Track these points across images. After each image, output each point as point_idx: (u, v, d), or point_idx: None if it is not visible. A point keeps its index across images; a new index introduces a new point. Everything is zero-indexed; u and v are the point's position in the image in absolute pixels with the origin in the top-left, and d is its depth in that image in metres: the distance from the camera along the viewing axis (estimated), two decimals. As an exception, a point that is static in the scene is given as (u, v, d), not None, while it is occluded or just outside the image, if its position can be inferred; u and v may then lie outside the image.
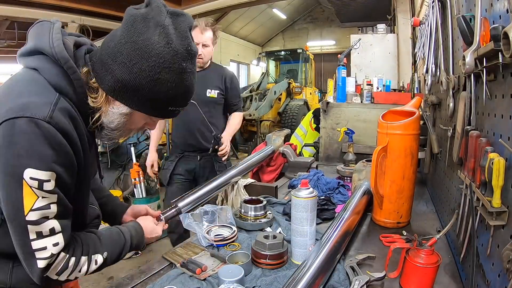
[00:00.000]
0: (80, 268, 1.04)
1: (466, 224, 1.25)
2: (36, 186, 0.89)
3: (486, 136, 1.17)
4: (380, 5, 8.64)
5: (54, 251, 0.95)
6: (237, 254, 1.50)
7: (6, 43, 6.06)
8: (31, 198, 0.89)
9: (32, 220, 0.91)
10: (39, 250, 0.93)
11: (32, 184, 0.89)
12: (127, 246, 1.23)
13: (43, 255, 0.94)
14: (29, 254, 0.93)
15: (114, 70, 0.98)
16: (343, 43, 17.52)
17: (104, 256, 1.11)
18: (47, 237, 0.94)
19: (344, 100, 3.66)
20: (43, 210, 0.92)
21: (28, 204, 0.89)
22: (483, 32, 1.09)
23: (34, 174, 0.88)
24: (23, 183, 0.88)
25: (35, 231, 0.92)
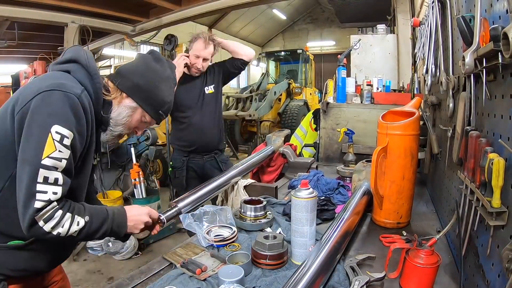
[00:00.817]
0: (63, 223, 1.18)
1: (466, 224, 1.25)
2: (58, 139, 1.14)
3: (486, 136, 1.17)
4: (380, 5, 8.64)
5: (52, 197, 1.14)
6: (237, 255, 1.50)
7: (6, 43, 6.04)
8: (51, 148, 1.13)
9: (45, 164, 1.12)
10: (40, 192, 1.12)
11: (55, 137, 1.14)
12: (108, 220, 1.33)
13: (42, 198, 1.12)
14: (31, 195, 1.11)
15: (132, 78, 1.44)
16: (343, 43, 17.52)
17: (85, 220, 1.24)
18: (50, 185, 1.14)
19: (344, 101, 3.66)
20: (56, 161, 1.14)
21: (47, 151, 1.13)
22: (483, 32, 1.09)
23: (59, 130, 1.15)
24: (48, 135, 1.13)
25: (43, 175, 1.12)
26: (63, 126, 1.16)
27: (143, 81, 1.43)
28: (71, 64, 1.34)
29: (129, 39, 6.75)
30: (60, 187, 1.16)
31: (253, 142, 10.79)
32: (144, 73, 1.45)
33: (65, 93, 1.19)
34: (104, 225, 1.31)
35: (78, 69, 1.33)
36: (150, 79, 1.45)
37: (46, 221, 1.14)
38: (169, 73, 1.53)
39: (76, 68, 1.34)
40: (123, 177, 5.83)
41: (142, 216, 1.46)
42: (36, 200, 1.11)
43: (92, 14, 5.57)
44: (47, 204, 1.13)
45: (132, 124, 1.48)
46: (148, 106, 1.46)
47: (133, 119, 1.46)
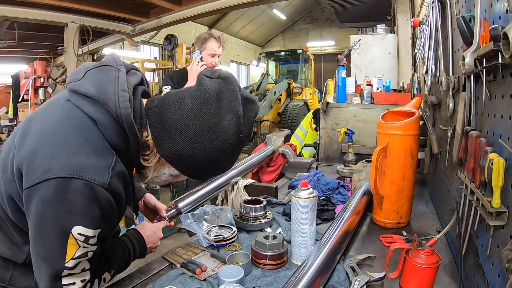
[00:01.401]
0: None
1: (466, 224, 1.25)
2: (82, 240, 0.93)
3: (486, 136, 1.17)
4: (380, 5, 8.63)
5: (80, 285, 0.98)
6: (237, 255, 1.50)
7: (6, 43, 6.05)
8: (74, 248, 0.93)
9: (70, 266, 0.94)
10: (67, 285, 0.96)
11: (78, 239, 0.92)
12: (130, 258, 1.29)
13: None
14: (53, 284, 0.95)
15: (177, 141, 0.99)
16: (343, 43, 17.51)
17: (111, 274, 1.16)
18: (77, 275, 0.97)
19: (344, 101, 3.66)
20: (81, 258, 0.96)
21: (70, 254, 0.93)
22: (483, 32, 1.09)
23: (83, 231, 0.92)
24: (69, 237, 0.91)
25: (68, 273, 0.95)
26: (87, 226, 0.93)
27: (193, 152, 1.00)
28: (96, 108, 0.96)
29: (129, 39, 6.76)
30: (88, 271, 1.00)
31: (253, 142, 10.77)
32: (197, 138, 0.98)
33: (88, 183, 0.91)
34: (126, 264, 1.29)
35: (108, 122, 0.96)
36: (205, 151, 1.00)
37: None
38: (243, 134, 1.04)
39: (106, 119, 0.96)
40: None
41: (158, 233, 1.46)
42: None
43: (92, 14, 5.57)
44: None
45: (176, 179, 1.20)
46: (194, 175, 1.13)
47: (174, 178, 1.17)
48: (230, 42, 19.39)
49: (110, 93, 0.96)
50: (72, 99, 1.00)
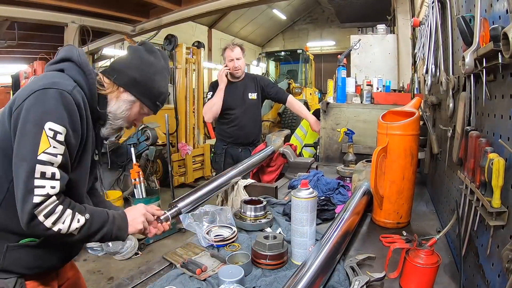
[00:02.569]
0: (64, 219, 1.20)
1: (466, 224, 1.25)
2: (51, 136, 1.17)
3: (485, 136, 1.17)
4: (380, 5, 8.64)
5: (50, 191, 1.16)
6: (237, 255, 1.50)
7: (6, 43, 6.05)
8: (46, 144, 1.16)
9: (42, 160, 1.15)
10: (38, 187, 1.14)
11: (49, 134, 1.17)
12: (109, 222, 1.35)
13: (40, 192, 1.14)
14: (28, 190, 1.14)
15: (128, 72, 1.44)
16: (343, 43, 17.53)
17: (86, 218, 1.26)
18: (47, 179, 1.16)
19: (344, 101, 3.66)
20: (51, 156, 1.17)
21: (42, 147, 1.16)
22: (483, 32, 1.09)
23: (52, 126, 1.18)
24: (42, 131, 1.16)
25: (40, 171, 1.15)
26: (56, 122, 1.19)
27: (139, 75, 1.45)
28: (65, 63, 1.38)
29: (129, 39, 6.76)
30: (58, 181, 1.19)
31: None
32: (139, 66, 1.46)
33: (57, 90, 1.22)
34: (104, 227, 1.33)
35: (71, 67, 1.37)
36: (145, 72, 1.46)
37: (47, 216, 1.16)
38: (163, 64, 1.54)
39: (69, 66, 1.37)
40: (123, 177, 5.83)
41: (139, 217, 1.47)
42: (35, 195, 1.14)
43: (92, 14, 5.57)
44: (46, 198, 1.15)
45: (131, 117, 1.51)
46: (145, 99, 1.49)
47: (132, 112, 1.49)
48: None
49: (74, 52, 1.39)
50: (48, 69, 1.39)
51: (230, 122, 3.65)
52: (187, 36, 13.28)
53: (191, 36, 13.94)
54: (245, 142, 3.70)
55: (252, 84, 3.73)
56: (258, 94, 3.73)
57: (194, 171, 7.37)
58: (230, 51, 3.57)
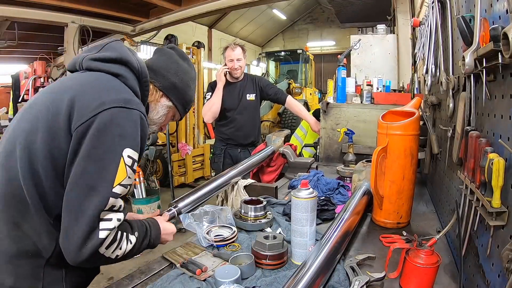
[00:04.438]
0: (121, 245, 1.10)
1: (466, 224, 1.25)
2: (130, 164, 1.07)
3: (485, 136, 1.17)
4: (380, 5, 8.62)
5: (116, 224, 1.06)
6: (240, 256, 1.50)
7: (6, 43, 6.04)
8: (123, 174, 1.05)
9: (116, 193, 1.04)
10: (105, 220, 1.03)
11: (127, 162, 1.06)
12: (148, 234, 1.28)
13: (107, 226, 1.03)
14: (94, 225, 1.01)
15: (167, 76, 1.42)
16: (343, 43, 17.54)
17: (136, 236, 1.18)
18: (115, 212, 1.06)
19: (344, 101, 3.66)
20: (124, 188, 1.07)
21: (119, 179, 1.04)
22: (483, 32, 1.09)
23: (131, 154, 1.08)
24: (121, 159, 1.05)
25: (111, 204, 1.04)
26: (134, 149, 1.09)
27: (179, 81, 1.44)
28: (120, 67, 1.22)
29: (129, 39, 6.76)
30: (122, 213, 1.09)
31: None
32: (177, 72, 1.44)
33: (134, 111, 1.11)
34: (145, 239, 1.26)
35: (128, 74, 1.22)
36: (183, 79, 1.46)
37: (108, 247, 1.06)
38: (194, 73, 1.56)
39: (126, 72, 1.22)
40: (123, 177, 5.82)
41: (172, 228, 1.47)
42: (101, 230, 1.02)
43: (92, 14, 5.57)
44: (111, 232, 1.05)
45: (164, 122, 1.50)
46: (181, 105, 1.48)
47: (167, 117, 1.48)
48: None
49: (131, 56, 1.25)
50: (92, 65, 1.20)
51: (228, 123, 3.64)
52: (187, 36, 13.27)
53: (191, 36, 13.94)
54: (244, 143, 3.68)
55: (251, 85, 3.70)
56: (256, 95, 3.71)
57: (194, 171, 7.37)
58: (230, 51, 3.54)
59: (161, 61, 1.45)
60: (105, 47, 1.26)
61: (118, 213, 1.07)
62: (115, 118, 1.06)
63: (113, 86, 1.15)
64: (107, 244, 1.04)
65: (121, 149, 1.05)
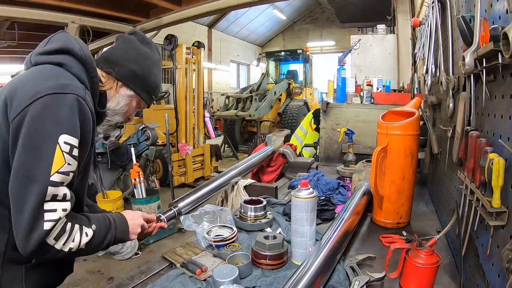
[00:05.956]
0: (74, 237, 1.08)
1: (466, 224, 1.25)
2: (67, 151, 1.04)
3: (485, 136, 1.17)
4: (380, 5, 8.63)
5: (61, 215, 1.03)
6: (237, 256, 1.50)
7: (6, 43, 6.05)
8: (61, 162, 1.02)
9: (55, 181, 1.01)
10: (49, 211, 1.00)
11: (64, 149, 1.03)
12: (111, 228, 1.25)
13: (52, 217, 1.01)
14: (38, 217, 0.99)
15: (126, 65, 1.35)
16: (343, 43, 17.53)
17: (93, 229, 1.16)
18: (59, 201, 1.03)
19: (344, 101, 3.66)
20: (64, 175, 1.04)
21: (56, 166, 1.01)
22: (483, 32, 1.09)
23: (68, 139, 1.04)
24: (57, 146, 1.02)
25: (52, 194, 1.01)
26: (71, 134, 1.05)
27: (138, 68, 1.37)
28: (63, 56, 1.19)
29: (129, 39, 6.75)
30: (68, 202, 1.06)
31: (253, 142, 10.80)
32: (137, 58, 1.37)
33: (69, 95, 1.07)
34: (109, 233, 1.23)
35: (72, 62, 1.19)
36: (143, 65, 1.39)
37: (57, 238, 1.03)
38: (158, 56, 1.47)
39: (69, 60, 1.19)
40: (123, 177, 5.83)
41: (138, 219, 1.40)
42: (45, 221, 0.99)
43: (92, 14, 5.57)
44: (57, 223, 1.02)
45: (128, 112, 1.43)
46: (143, 93, 1.42)
47: (130, 107, 1.42)
48: (230, 42, 19.43)
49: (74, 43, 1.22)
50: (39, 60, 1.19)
51: None
52: (187, 36, 13.28)
53: (191, 36, 13.95)
54: None
55: None
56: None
57: (194, 171, 7.37)
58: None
59: (119, 49, 1.39)
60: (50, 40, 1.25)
61: (62, 202, 1.04)
62: (48, 106, 1.04)
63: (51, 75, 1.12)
64: (54, 235, 1.02)
65: (56, 136, 1.02)
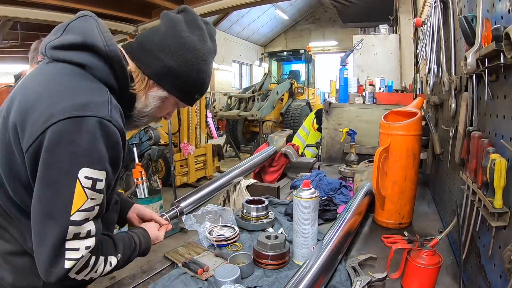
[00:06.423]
0: (97, 268, 1.01)
1: (468, 225, 1.24)
2: (89, 186, 0.90)
3: (488, 136, 1.16)
4: (382, 5, 8.62)
5: (84, 253, 0.94)
6: (239, 255, 1.50)
7: (9, 43, 6.07)
8: (81, 199, 0.90)
9: (76, 220, 0.90)
10: (71, 250, 0.91)
11: (85, 184, 0.90)
12: (136, 250, 1.22)
13: (73, 256, 0.92)
14: (58, 255, 0.91)
15: (161, 58, 1.09)
16: (346, 43, 17.52)
17: (118, 258, 1.09)
18: (82, 239, 0.93)
19: (346, 101, 3.66)
20: (88, 212, 0.92)
21: (77, 204, 0.89)
22: (485, 32, 1.09)
23: (89, 174, 0.90)
24: (76, 182, 0.88)
25: (73, 232, 0.91)
26: (94, 167, 0.91)
27: (177, 63, 1.10)
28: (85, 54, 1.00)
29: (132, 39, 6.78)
30: (93, 238, 0.96)
31: (255, 142, 10.81)
32: (178, 50, 1.10)
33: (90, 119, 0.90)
34: (132, 255, 1.19)
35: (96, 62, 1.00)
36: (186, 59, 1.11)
37: (79, 272, 0.96)
38: (210, 45, 1.18)
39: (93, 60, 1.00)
40: (126, 176, 5.84)
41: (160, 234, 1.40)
42: (66, 260, 0.91)
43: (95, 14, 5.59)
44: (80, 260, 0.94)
45: (160, 113, 1.22)
46: (182, 93, 1.18)
47: (162, 108, 1.20)
48: (232, 42, 19.43)
49: (96, 35, 1.02)
50: (55, 55, 1.02)
51: None
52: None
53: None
54: None
55: None
56: None
57: (196, 171, 7.38)
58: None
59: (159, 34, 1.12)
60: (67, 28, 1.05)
61: (86, 239, 0.94)
62: (65, 134, 0.88)
63: (69, 87, 0.96)
64: (76, 270, 0.94)
65: (75, 170, 0.88)
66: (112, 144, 0.95)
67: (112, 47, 1.02)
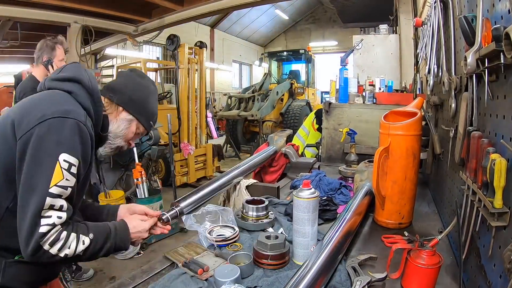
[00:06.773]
0: (70, 244, 1.19)
1: (468, 225, 1.24)
2: (66, 168, 1.17)
3: (488, 136, 1.16)
4: (382, 5, 8.62)
5: (56, 221, 1.15)
6: (238, 255, 1.50)
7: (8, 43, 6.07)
8: (59, 177, 1.16)
9: (53, 193, 1.15)
10: (46, 218, 1.14)
11: (63, 166, 1.17)
12: (110, 236, 1.32)
13: (47, 222, 1.14)
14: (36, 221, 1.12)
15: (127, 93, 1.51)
16: (345, 43, 17.52)
17: (90, 238, 1.25)
18: (55, 210, 1.16)
19: (346, 101, 3.66)
20: (62, 189, 1.17)
21: (55, 180, 1.15)
22: (485, 32, 1.09)
23: (67, 158, 1.18)
24: (57, 163, 1.16)
25: (49, 204, 1.14)
26: (70, 154, 1.19)
27: (136, 96, 1.53)
28: (73, 84, 1.36)
29: (132, 39, 6.78)
30: (64, 212, 1.18)
31: (255, 142, 10.81)
32: (134, 87, 1.54)
33: (73, 120, 1.22)
34: (107, 241, 1.31)
35: (80, 91, 1.36)
36: (141, 93, 1.55)
37: (52, 244, 1.15)
38: (153, 88, 1.64)
39: (78, 90, 1.36)
40: (126, 176, 5.84)
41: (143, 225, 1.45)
42: (41, 226, 1.13)
43: (94, 14, 5.59)
44: (52, 227, 1.15)
45: (128, 136, 1.55)
46: (142, 117, 1.55)
47: (129, 131, 1.54)
48: (232, 42, 19.45)
49: (84, 75, 1.38)
50: (52, 85, 1.36)
51: None
52: (190, 36, 13.29)
53: (193, 36, 13.95)
54: None
55: None
56: None
57: (196, 171, 7.38)
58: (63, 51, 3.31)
59: (119, 81, 1.59)
60: (63, 69, 1.42)
61: (58, 211, 1.17)
62: (52, 127, 1.18)
63: (60, 101, 1.28)
64: (49, 241, 1.14)
65: (57, 154, 1.16)
66: (84, 141, 1.25)
67: (94, 82, 1.40)
